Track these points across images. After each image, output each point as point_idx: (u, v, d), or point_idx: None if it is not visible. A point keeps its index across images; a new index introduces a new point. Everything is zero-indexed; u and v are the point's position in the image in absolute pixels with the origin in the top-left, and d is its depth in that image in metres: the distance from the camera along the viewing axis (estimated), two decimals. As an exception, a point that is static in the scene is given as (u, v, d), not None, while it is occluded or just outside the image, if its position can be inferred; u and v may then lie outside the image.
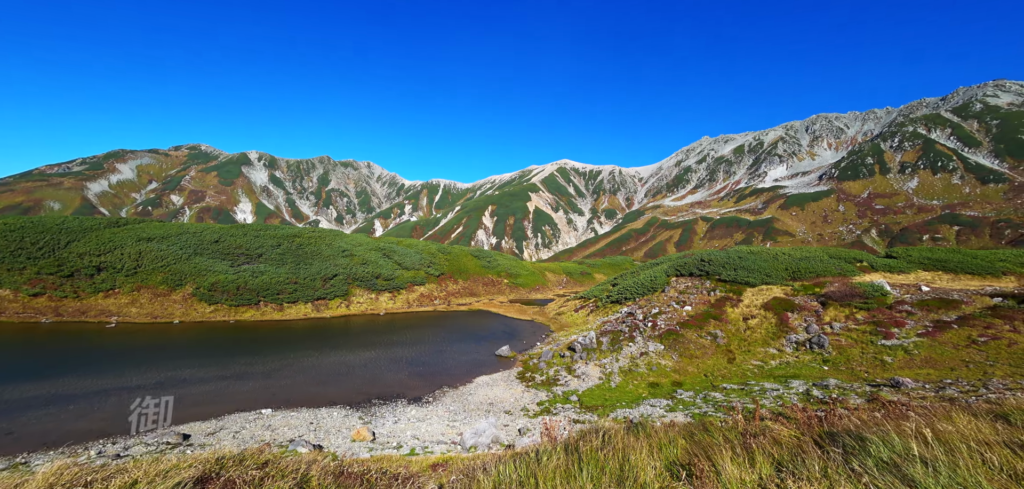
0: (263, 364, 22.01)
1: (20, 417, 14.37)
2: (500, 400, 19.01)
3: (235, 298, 33.93)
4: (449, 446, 13.83)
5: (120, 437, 13.37)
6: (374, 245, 51.91)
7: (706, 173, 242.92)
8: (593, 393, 19.52)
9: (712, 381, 19.56)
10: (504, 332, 33.68)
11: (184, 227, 43.45)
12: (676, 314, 29.39)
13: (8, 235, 32.83)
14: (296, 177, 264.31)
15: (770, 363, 20.93)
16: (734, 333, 25.13)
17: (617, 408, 17.11)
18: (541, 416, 17.11)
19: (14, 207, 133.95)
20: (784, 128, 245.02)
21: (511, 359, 25.80)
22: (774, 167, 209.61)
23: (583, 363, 23.75)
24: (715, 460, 3.00)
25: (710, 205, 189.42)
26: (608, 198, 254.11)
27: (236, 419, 15.34)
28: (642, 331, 27.25)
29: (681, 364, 22.25)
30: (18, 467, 10.66)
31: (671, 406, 16.10)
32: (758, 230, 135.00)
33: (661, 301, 33.70)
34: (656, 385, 19.95)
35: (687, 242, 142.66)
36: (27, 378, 17.88)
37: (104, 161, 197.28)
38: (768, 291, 29.60)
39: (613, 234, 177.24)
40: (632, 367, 22.42)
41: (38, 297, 29.61)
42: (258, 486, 4.13)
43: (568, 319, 39.23)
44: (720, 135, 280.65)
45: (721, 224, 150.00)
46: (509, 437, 14.89)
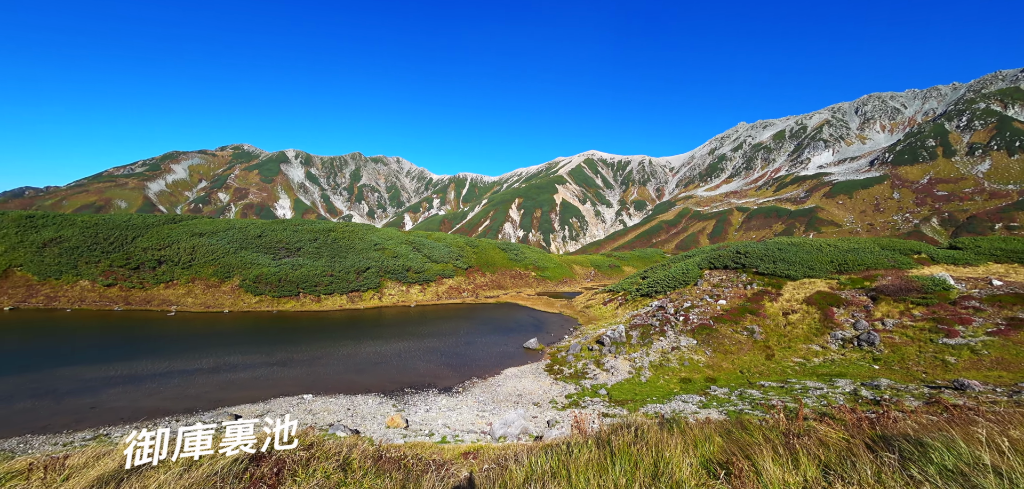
0: (303, 352, 23.27)
1: (101, 394, 16.02)
2: (528, 392, 19.16)
3: (277, 289, 35.97)
4: (479, 435, 14.13)
5: (183, 415, 14.60)
6: (404, 239, 53.33)
7: (742, 161, 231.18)
8: (622, 387, 19.28)
9: (748, 378, 18.80)
10: (532, 325, 33.79)
11: (231, 223, 46.38)
12: (709, 308, 28.37)
13: (86, 231, 36.36)
14: (330, 173, 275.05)
15: (813, 361, 19.84)
16: (772, 328, 23.97)
17: (647, 403, 16.82)
18: (569, 409, 17.11)
19: (89, 206, 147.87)
20: (830, 111, 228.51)
21: (539, 352, 25.89)
22: (818, 153, 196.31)
23: (612, 357, 23.47)
24: (755, 460, 2.89)
25: (746, 195, 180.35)
26: (637, 189, 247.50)
27: (281, 403, 16.34)
28: (673, 325, 26.54)
29: (715, 360, 21.52)
30: (101, 438, 11.90)
31: (704, 403, 15.64)
32: (799, 220, 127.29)
33: (693, 295, 32.63)
34: (688, 381, 19.42)
35: (721, 234, 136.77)
36: (106, 360, 19.84)
37: (161, 162, 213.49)
38: (811, 285, 27.96)
39: (642, 226, 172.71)
40: (663, 362, 21.92)
41: (111, 287, 32.68)
42: (305, 465, 4.42)
43: (596, 312, 38.80)
44: (758, 121, 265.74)
45: (758, 214, 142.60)
46: (538, 429, 15.01)
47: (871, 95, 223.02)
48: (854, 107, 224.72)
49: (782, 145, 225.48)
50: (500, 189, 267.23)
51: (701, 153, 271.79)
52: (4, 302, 29.52)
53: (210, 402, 16.00)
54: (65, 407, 14.74)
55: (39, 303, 30.15)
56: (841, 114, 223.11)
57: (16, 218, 36.60)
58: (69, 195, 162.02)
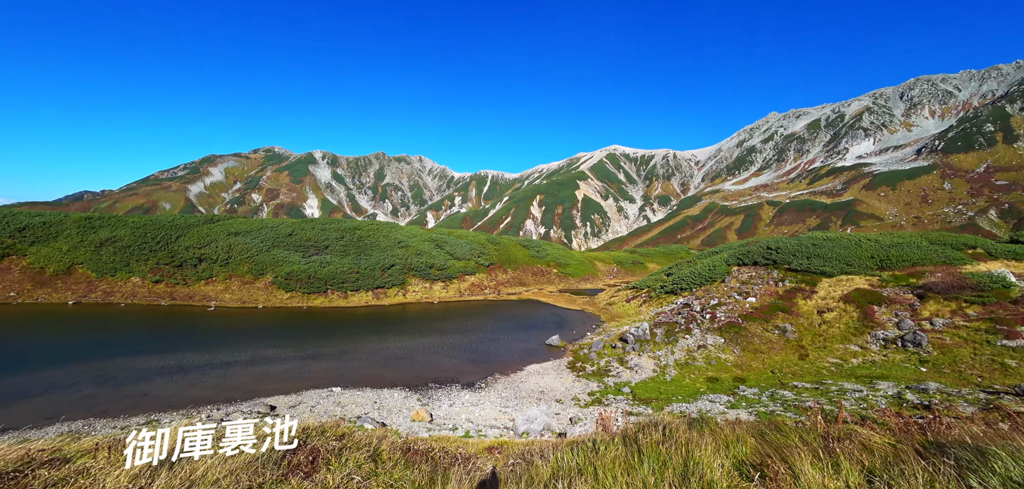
0: (332, 347, 24.11)
1: (153, 382, 17.20)
2: (551, 389, 19.14)
3: (307, 286, 37.41)
4: (502, 431, 14.25)
5: (223, 404, 15.46)
6: (427, 236, 54.23)
7: (773, 153, 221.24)
8: (647, 386, 18.95)
9: (780, 379, 18.07)
10: (554, 321, 33.69)
11: (263, 222, 48.54)
12: (738, 306, 27.42)
13: (136, 231, 39.02)
14: (355, 173, 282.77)
15: (850, 362, 18.84)
16: (806, 327, 22.92)
17: (673, 402, 16.48)
18: (592, 406, 16.99)
19: (138, 207, 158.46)
20: (871, 97, 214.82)
21: (561, 349, 25.79)
22: (857, 142, 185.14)
23: (636, 355, 23.09)
24: (792, 462, 2.78)
25: (778, 188, 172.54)
26: (661, 184, 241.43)
27: (312, 395, 17.02)
28: (699, 323, 25.82)
29: (744, 359, 20.80)
30: (152, 423, 12.77)
31: (733, 403, 15.16)
32: (836, 214, 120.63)
33: (721, 292, 31.60)
34: (715, 380, 18.87)
35: (750, 229, 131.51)
36: (155, 351, 21.27)
37: (200, 166, 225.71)
38: (849, 282, 26.52)
39: (667, 221, 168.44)
40: (689, 360, 21.39)
41: (158, 284, 34.96)
42: (338, 455, 4.60)
43: (619, 309, 38.24)
44: (790, 110, 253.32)
45: (791, 208, 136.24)
46: (561, 426, 14.98)
47: (919, 78, 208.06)
48: (899, 92, 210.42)
49: (817, 135, 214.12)
50: (521, 186, 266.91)
51: (729, 145, 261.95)
52: (69, 296, 32.10)
53: (247, 393, 16.85)
54: (122, 394, 15.91)
55: (98, 297, 32.61)
56: (884, 100, 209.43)
57: (77, 220, 39.65)
58: (121, 198, 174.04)
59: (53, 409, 14.11)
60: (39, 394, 15.42)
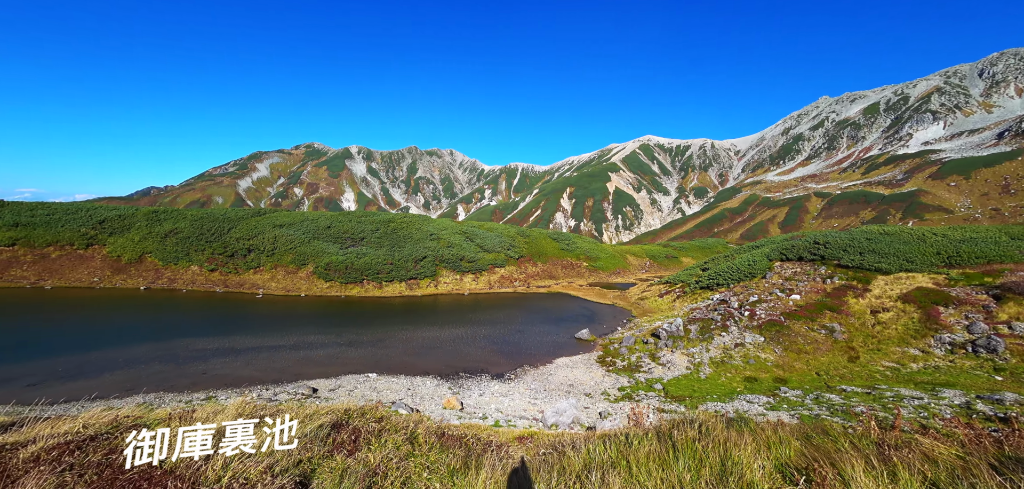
0: (368, 334, 25.21)
1: (210, 362, 18.80)
2: (580, 382, 19.07)
3: (344, 276, 39.21)
4: (531, 422, 14.40)
5: (271, 385, 16.64)
6: (458, 229, 55.14)
7: (823, 140, 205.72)
8: (679, 383, 18.45)
9: (826, 381, 17.02)
10: (583, 315, 33.40)
11: (305, 215, 51.24)
12: (780, 303, 25.98)
13: (195, 224, 42.48)
14: (388, 167, 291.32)
15: (909, 366, 17.40)
16: (858, 328, 21.37)
17: (707, 401, 15.96)
18: (622, 401, 16.77)
19: (195, 202, 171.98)
20: (942, 76, 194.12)
21: (591, 342, 25.57)
22: (924, 127, 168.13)
23: (669, 351, 22.50)
24: (841, 468, 2.63)
25: (827, 178, 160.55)
26: (698, 175, 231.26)
27: (350, 379, 17.93)
28: (737, 320, 24.72)
29: (786, 359, 19.74)
30: (211, 399, 13.98)
31: (773, 404, 14.47)
32: (895, 206, 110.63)
33: (761, 288, 30.05)
34: (754, 380, 18.05)
35: (795, 222, 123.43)
36: (212, 334, 23.18)
37: (248, 162, 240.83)
38: (909, 280, 24.42)
39: (703, 214, 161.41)
40: (725, 358, 20.58)
41: (214, 272, 37.94)
42: (378, 436, 4.86)
43: (651, 304, 37.28)
44: (844, 93, 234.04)
45: (842, 200, 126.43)
46: (590, 419, 14.92)
47: (1003, 52, 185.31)
48: (977, 69, 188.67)
49: (875, 120, 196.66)
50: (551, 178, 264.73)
51: (772, 133, 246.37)
52: (140, 282, 35.54)
53: (292, 375, 18.02)
54: (185, 371, 17.50)
55: (163, 284, 35.86)
56: (958, 79, 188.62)
57: (146, 213, 43.66)
58: (181, 193, 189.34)
59: (132, 382, 15.78)
60: (120, 368, 17.29)
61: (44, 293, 31.60)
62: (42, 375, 16.08)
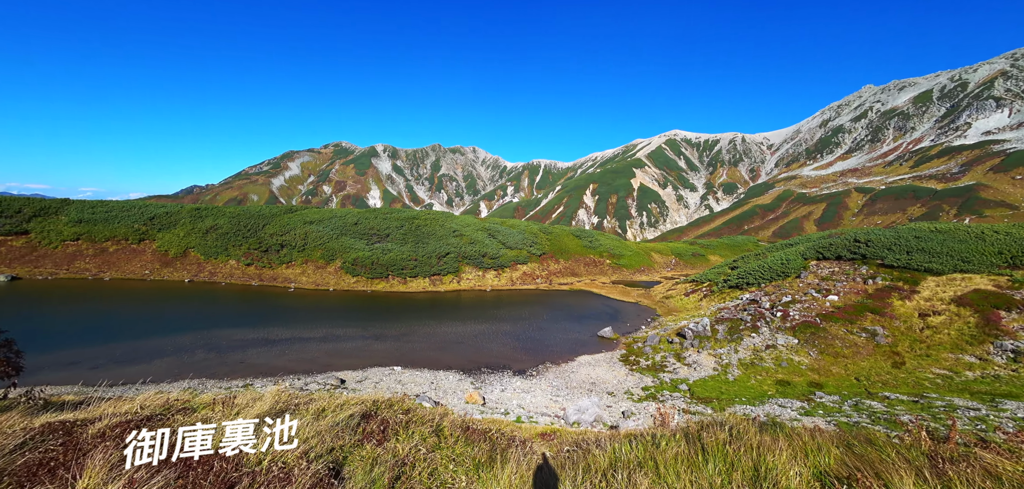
0: (393, 329, 25.87)
1: (248, 351, 19.85)
2: (602, 381, 18.88)
3: (371, 272, 40.34)
4: (552, 419, 14.40)
5: (302, 375, 17.38)
6: (480, 226, 55.57)
7: (866, 132, 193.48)
8: (706, 384, 17.95)
9: (867, 387, 16.11)
10: (606, 313, 32.99)
11: (333, 212, 53.00)
12: (815, 304, 24.76)
13: (233, 221, 44.84)
14: (413, 165, 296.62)
15: (964, 375, 16.21)
16: (904, 332, 20.09)
17: (735, 403, 15.46)
18: (646, 401, 16.49)
19: (232, 199, 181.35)
20: (1008, 58, 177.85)
21: (614, 341, 25.24)
22: (985, 115, 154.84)
23: (695, 351, 21.91)
24: (888, 479, 2.47)
25: (870, 172, 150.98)
26: (727, 170, 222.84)
27: (376, 372, 18.47)
28: (768, 321, 23.76)
29: (822, 363, 18.81)
30: (248, 386, 14.77)
31: (807, 409, 13.84)
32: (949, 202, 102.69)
33: (795, 288, 28.73)
34: (786, 383, 17.32)
35: (833, 219, 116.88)
36: (249, 325, 24.44)
37: (280, 161, 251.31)
38: (964, 281, 22.70)
39: (732, 211, 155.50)
40: (755, 360, 19.83)
41: (250, 266, 39.96)
42: (405, 427, 5.01)
43: (677, 303, 36.37)
44: (891, 82, 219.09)
45: (887, 196, 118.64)
46: (612, 418, 14.77)
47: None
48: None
49: (926, 109, 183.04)
50: (574, 175, 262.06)
51: (809, 126, 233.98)
52: (185, 275, 37.90)
53: (322, 366, 18.74)
54: (225, 360, 18.56)
55: (205, 277, 38.08)
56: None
57: (190, 210, 46.42)
58: (221, 191, 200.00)
59: (179, 368, 16.91)
60: (169, 355, 18.56)
61: (103, 284, 34.23)
62: (103, 359, 17.49)
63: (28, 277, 34.02)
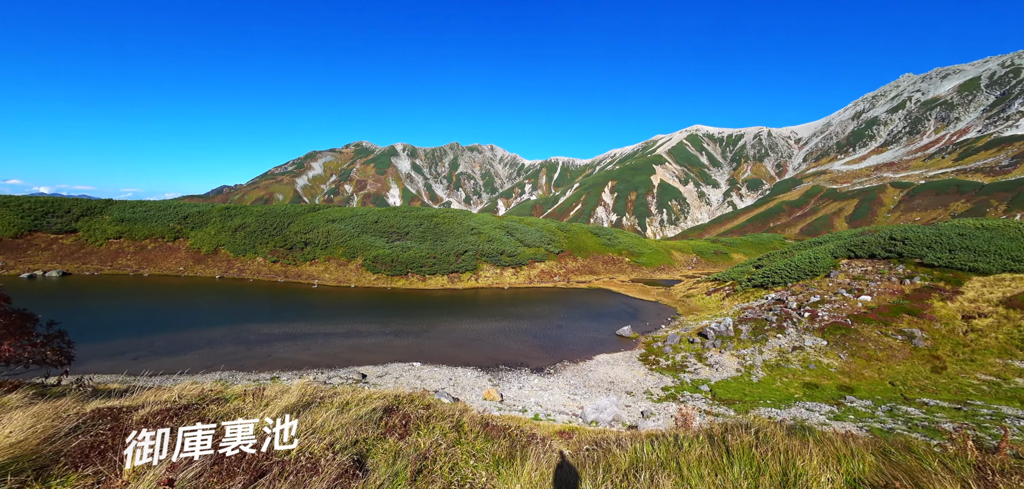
0: (413, 325, 26.30)
1: (274, 345, 20.61)
2: (621, 380, 18.67)
3: (391, 269, 41.11)
4: (570, 417, 14.34)
5: (325, 369, 17.91)
6: (498, 224, 55.75)
7: (903, 123, 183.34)
8: (729, 385, 17.49)
9: (903, 392, 15.33)
10: (625, 312, 32.56)
11: (354, 211, 54.25)
12: (846, 304, 23.72)
13: (260, 219, 46.59)
14: (431, 163, 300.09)
15: (1013, 381, 15.21)
16: (945, 335, 19.00)
17: (759, 406, 15.01)
18: (666, 402, 16.22)
19: (259, 198, 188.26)
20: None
21: (633, 340, 24.89)
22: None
23: (717, 352, 21.37)
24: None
25: (908, 166, 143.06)
26: (751, 166, 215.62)
27: (396, 367, 18.84)
28: (795, 322, 22.92)
29: (853, 366, 18.02)
30: (275, 379, 15.34)
31: (837, 414, 13.30)
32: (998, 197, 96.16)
33: (824, 288, 27.60)
34: (814, 386, 16.68)
35: (866, 216, 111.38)
36: (275, 320, 25.37)
37: (304, 161, 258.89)
38: (1016, 282, 21.29)
39: (757, 208, 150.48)
40: (780, 362, 19.18)
41: (275, 263, 41.43)
42: (426, 422, 5.10)
43: (698, 302, 35.54)
44: (933, 70, 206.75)
45: (926, 191, 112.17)
46: (631, 418, 14.59)
47: None
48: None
49: (973, 98, 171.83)
50: (592, 172, 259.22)
51: (841, 118, 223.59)
52: (216, 272, 39.65)
53: (344, 361, 19.26)
54: (253, 353, 19.33)
55: (234, 273, 39.71)
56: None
57: (220, 210, 48.48)
58: (248, 191, 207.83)
59: (212, 360, 17.72)
60: (203, 347, 19.49)
61: (143, 279, 36.21)
62: (144, 350, 18.53)
63: (77, 272, 36.32)
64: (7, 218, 39.47)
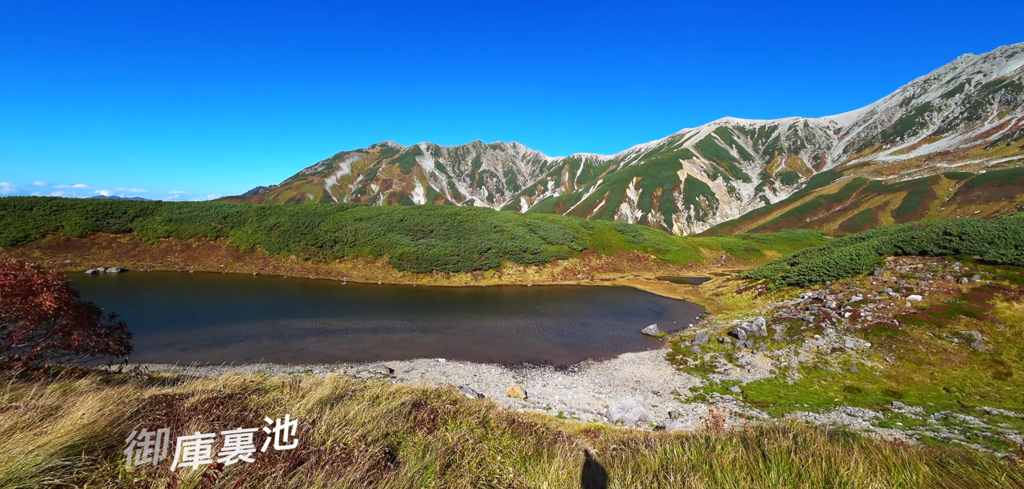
0: (438, 322, 26.76)
1: (307, 340, 21.52)
2: (647, 379, 18.30)
3: (416, 266, 41.97)
4: (595, 416, 14.21)
5: (354, 363, 18.52)
6: (521, 221, 55.77)
7: (961, 109, 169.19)
8: (761, 387, 16.80)
9: (960, 399, 14.23)
10: (651, 310, 31.86)
11: (381, 210, 55.69)
12: (893, 304, 22.25)
13: (293, 219, 48.72)
14: (454, 161, 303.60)
15: (1087, 390, 13.82)
16: (1009, 338, 17.48)
17: (795, 409, 14.34)
18: (694, 403, 15.77)
19: (292, 198, 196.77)
20: None
21: (659, 339, 24.34)
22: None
23: (748, 352, 20.56)
24: None
25: (966, 155, 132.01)
26: (786, 159, 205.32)
27: (422, 363, 19.25)
28: (835, 322, 21.71)
29: (900, 370, 16.90)
30: (309, 373, 16.02)
31: (883, 420, 12.52)
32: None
33: (867, 286, 26.00)
34: (856, 390, 15.76)
35: (916, 210, 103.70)
36: (307, 315, 26.47)
37: (333, 162, 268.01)
38: (1089, 281, 19.30)
39: (792, 202, 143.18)
40: (818, 364, 18.24)
41: (307, 261, 43.21)
42: (453, 417, 5.19)
43: (728, 301, 34.29)
44: (996, 48, 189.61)
45: (987, 181, 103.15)
46: (658, 418, 14.29)
47: None
48: None
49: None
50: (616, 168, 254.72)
51: (887, 105, 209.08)
52: (253, 268, 41.80)
53: (372, 356, 19.85)
54: (288, 347, 20.27)
55: (269, 270, 41.72)
56: None
57: (256, 210, 51.02)
58: (281, 191, 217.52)
59: (251, 353, 18.73)
60: (243, 340, 20.62)
61: (189, 276, 38.66)
62: (192, 342, 19.82)
63: (132, 269, 39.23)
64: (74, 219, 43.11)
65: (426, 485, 3.32)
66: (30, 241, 39.93)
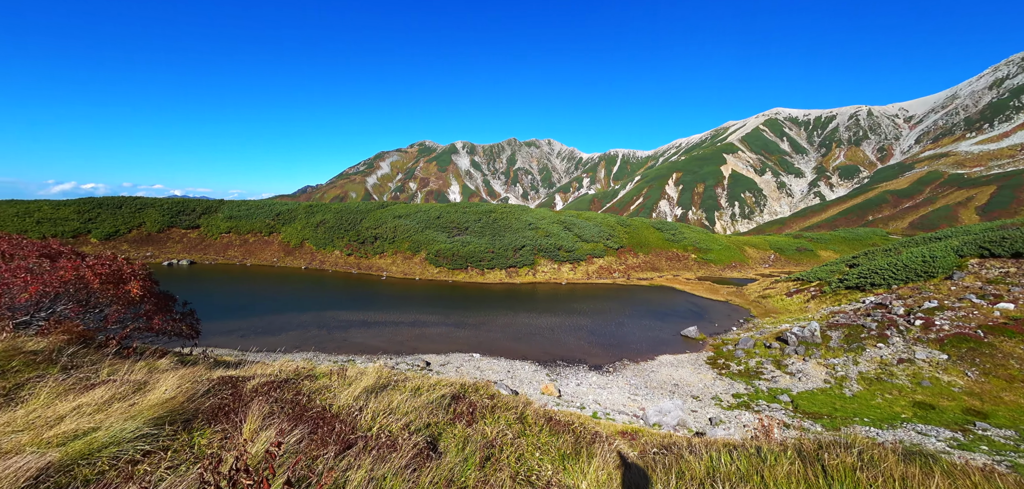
0: (472, 318, 27.21)
1: (349, 331, 22.68)
2: (686, 383, 17.60)
3: (451, 263, 42.89)
4: (631, 418, 13.87)
5: (393, 355, 19.27)
6: (556, 218, 55.35)
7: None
8: (814, 398, 15.64)
9: (1061, 425, 12.47)
10: (691, 311, 30.55)
11: (418, 207, 57.41)
12: (976, 312, 19.87)
13: (337, 216, 51.49)
14: (490, 159, 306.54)
15: None
16: (1126, 356, 15.08)
17: (854, 423, 13.24)
18: (738, 409, 14.98)
19: (336, 197, 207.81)
20: None
21: (699, 342, 23.30)
22: None
23: (799, 359, 19.20)
24: None
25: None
26: (845, 151, 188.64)
27: (457, 357, 19.66)
28: (903, 330, 19.74)
29: (985, 386, 15.08)
30: (352, 363, 16.89)
31: (963, 442, 11.26)
32: None
33: (944, 292, 23.41)
34: (929, 407, 14.26)
35: (1008, 206, 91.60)
36: (350, 308, 27.88)
37: (374, 161, 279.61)
38: None
39: (851, 199, 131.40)
40: (882, 375, 16.69)
41: (350, 256, 45.48)
42: (491, 412, 5.28)
43: (776, 304, 32.15)
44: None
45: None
46: (698, 424, 13.73)
47: None
48: None
49: None
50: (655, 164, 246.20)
51: (972, 89, 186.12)
52: (301, 263, 44.64)
53: (410, 348, 20.55)
54: (333, 337, 21.46)
55: (316, 265, 44.34)
56: None
57: (305, 207, 54.40)
58: (327, 190, 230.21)
59: (301, 341, 20.06)
60: (294, 330, 22.12)
61: (247, 269, 41.96)
62: (250, 330, 21.55)
63: (199, 262, 43.19)
64: (154, 216, 48.27)
65: (466, 477, 3.41)
66: (119, 235, 45.10)
